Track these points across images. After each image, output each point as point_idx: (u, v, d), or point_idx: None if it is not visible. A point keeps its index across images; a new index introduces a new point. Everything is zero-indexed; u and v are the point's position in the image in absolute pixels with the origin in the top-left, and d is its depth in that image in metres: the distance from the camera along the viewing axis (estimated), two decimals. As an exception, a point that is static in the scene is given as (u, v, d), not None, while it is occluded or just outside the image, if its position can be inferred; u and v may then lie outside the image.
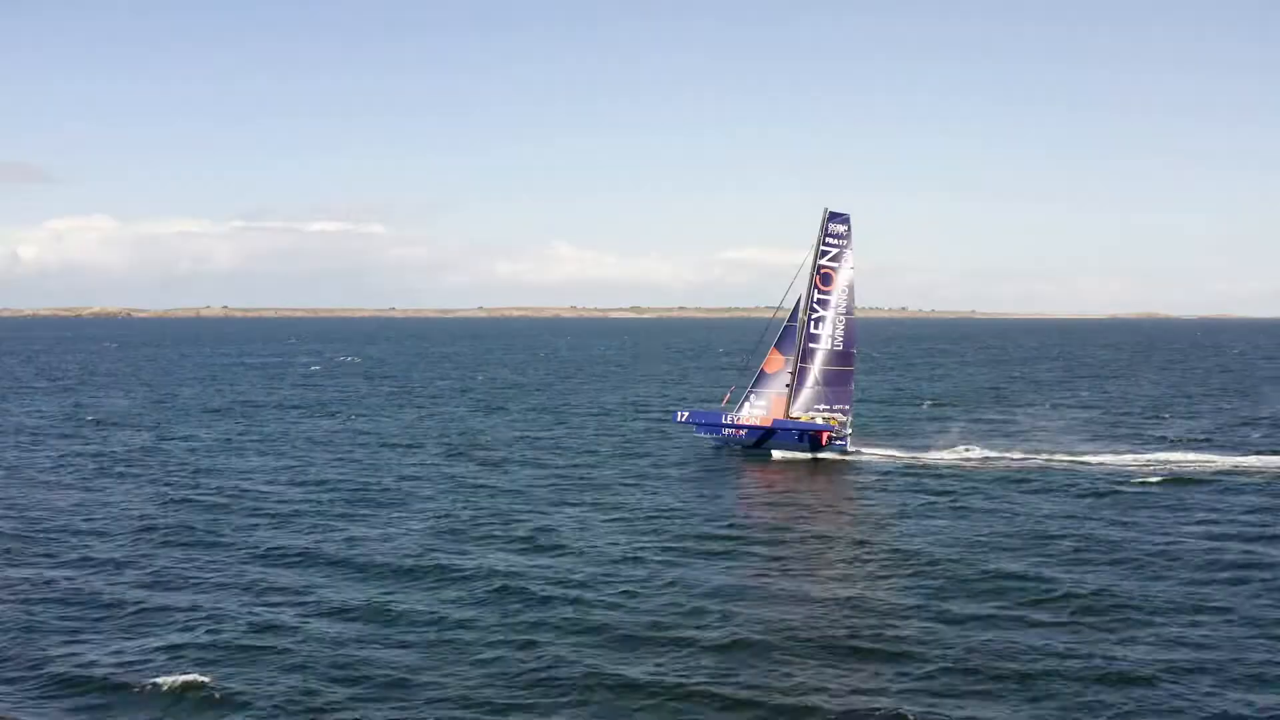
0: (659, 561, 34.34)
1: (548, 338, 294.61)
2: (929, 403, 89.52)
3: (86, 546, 35.91)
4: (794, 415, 58.82)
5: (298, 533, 38.23)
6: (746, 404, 60.07)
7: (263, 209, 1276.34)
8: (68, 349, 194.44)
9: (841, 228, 59.58)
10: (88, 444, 60.99)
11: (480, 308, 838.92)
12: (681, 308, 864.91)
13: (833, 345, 59.28)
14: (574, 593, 30.46)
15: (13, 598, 29.84)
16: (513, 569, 32.95)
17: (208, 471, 51.41)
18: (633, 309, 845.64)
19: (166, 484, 47.75)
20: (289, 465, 53.63)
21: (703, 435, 61.63)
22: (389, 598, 29.98)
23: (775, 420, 58.68)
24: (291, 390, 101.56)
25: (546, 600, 29.70)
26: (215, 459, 55.63)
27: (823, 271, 59.24)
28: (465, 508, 42.74)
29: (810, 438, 57.28)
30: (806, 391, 59.13)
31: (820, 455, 57.14)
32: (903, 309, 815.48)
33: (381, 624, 27.75)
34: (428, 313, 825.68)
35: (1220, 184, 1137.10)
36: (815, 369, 59.15)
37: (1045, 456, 56.33)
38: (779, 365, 59.81)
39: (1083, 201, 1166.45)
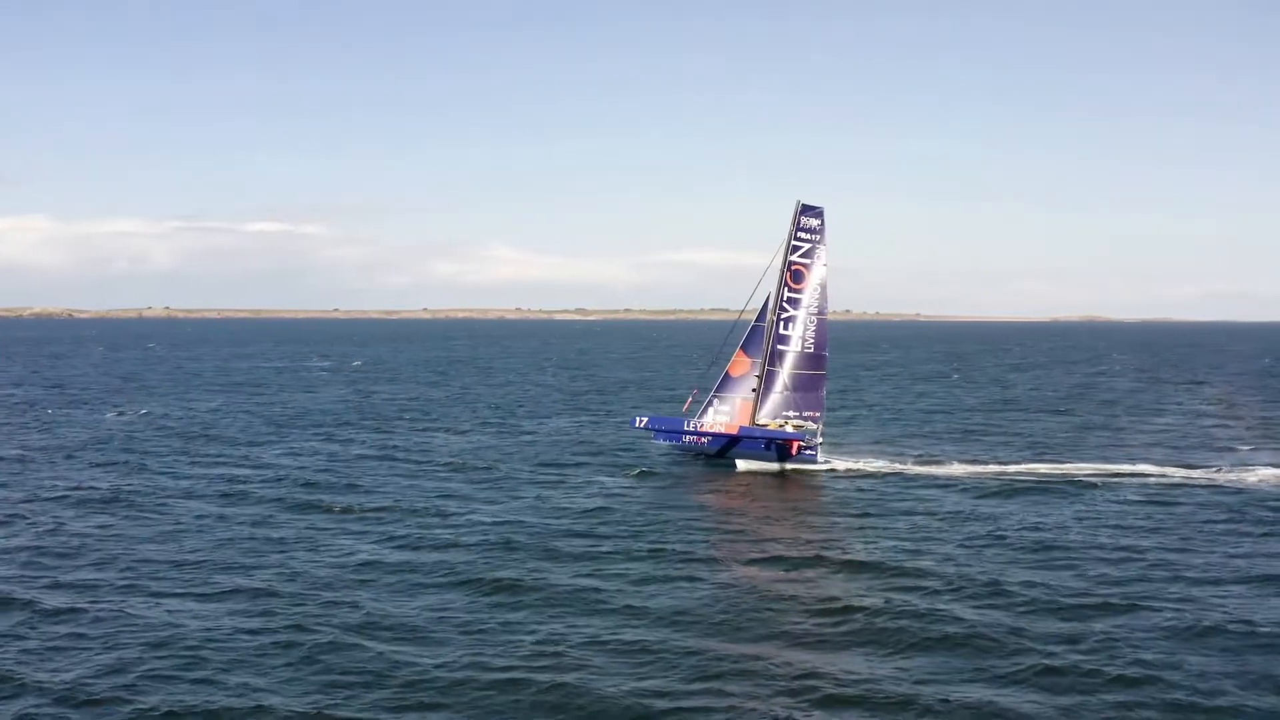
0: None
1: (533, 340, 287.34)
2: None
3: (409, 616, 29.36)
4: (761, 422, 54.36)
5: (629, 583, 32.06)
6: (710, 409, 55.51)
7: (201, 209, 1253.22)
8: (54, 352, 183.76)
9: (814, 222, 55.48)
10: (231, 465, 53.80)
11: (425, 309, 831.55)
12: (628, 309, 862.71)
13: (803, 347, 55.25)
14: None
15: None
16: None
17: (433, 502, 44.44)
18: (578, 311, 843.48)
19: (405, 524, 40.13)
20: (495, 491, 47.16)
21: (661, 442, 56.87)
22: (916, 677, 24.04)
23: (741, 428, 54.15)
24: (349, 399, 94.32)
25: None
26: (407, 484, 48.72)
27: (794, 268, 55.17)
28: (805, 544, 36.68)
29: (778, 447, 53.11)
30: (774, 396, 54.93)
31: (789, 466, 52.86)
32: (846, 311, 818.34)
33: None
34: (371, 314, 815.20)
35: (1159, 186, 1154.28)
36: (784, 373, 55.14)
37: None
38: (745, 368, 55.57)
39: (1022, 203, 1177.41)
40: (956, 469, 53.32)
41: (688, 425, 55.72)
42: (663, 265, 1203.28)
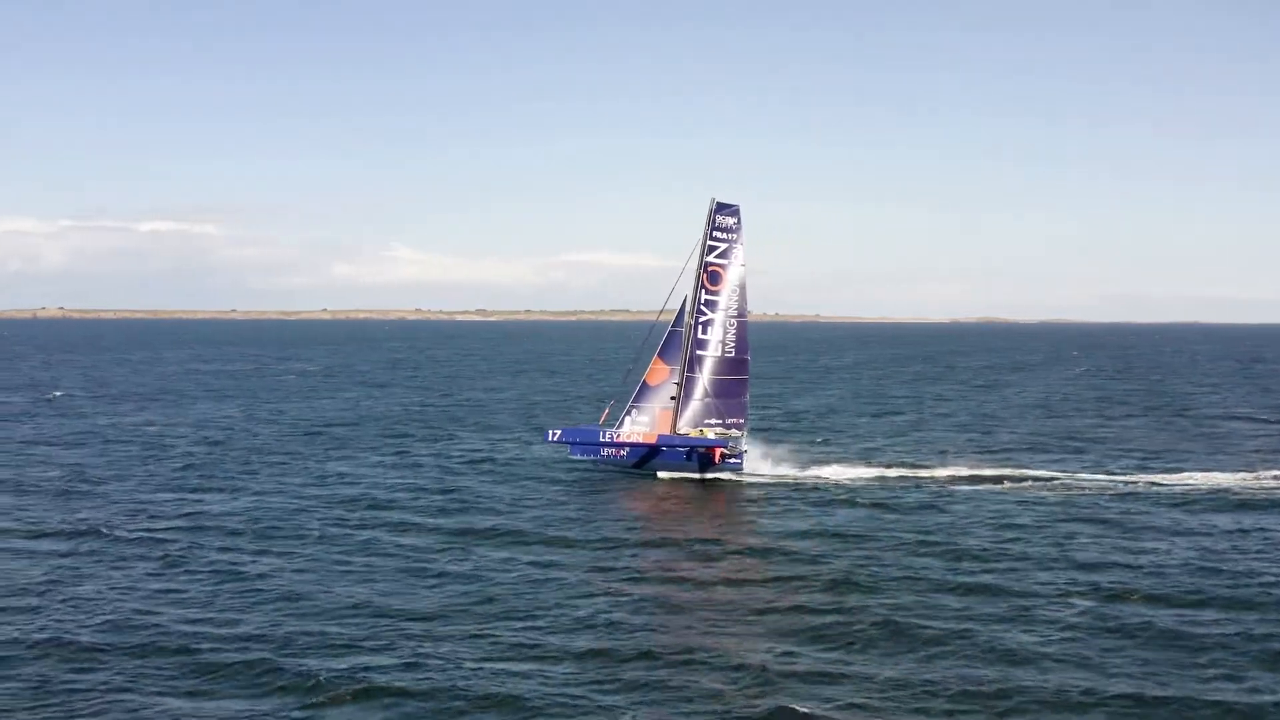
0: None
1: (474, 341, 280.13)
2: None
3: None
4: (681, 431, 51.54)
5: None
6: (628, 419, 52.41)
7: (94, 208, 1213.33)
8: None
9: (730, 220, 52.87)
10: (333, 484, 48.05)
11: (325, 310, 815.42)
12: (528, 310, 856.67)
13: (723, 351, 52.56)
14: None
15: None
16: None
17: (640, 529, 39.77)
18: (479, 312, 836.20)
19: (650, 554, 35.50)
20: (695, 511, 43.12)
21: (577, 456, 53.54)
22: None
23: (660, 436, 51.30)
24: (360, 406, 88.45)
25: None
26: (578, 505, 44.18)
27: (710, 269, 52.53)
28: (1110, 571, 32.50)
29: (700, 455, 50.71)
30: (695, 404, 52.10)
31: (709, 475, 50.45)
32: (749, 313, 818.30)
33: None
34: (271, 314, 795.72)
35: (1046, 188, 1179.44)
36: (704, 378, 52.29)
37: None
38: (663, 375, 52.61)
39: (912, 206, 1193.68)
40: (1136, 479, 50.66)
41: (604, 436, 52.17)
42: (564, 267, 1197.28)
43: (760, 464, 53.16)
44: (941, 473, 52.47)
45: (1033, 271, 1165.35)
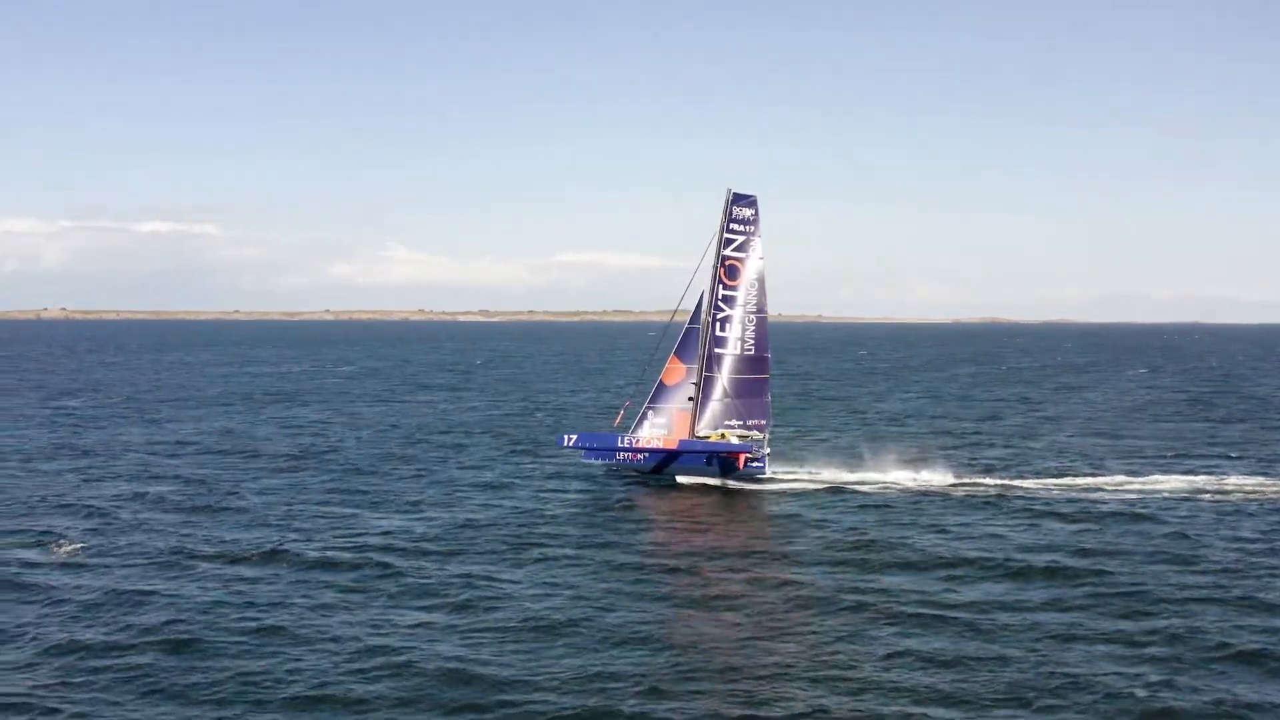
0: None
1: (504, 341, 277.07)
2: None
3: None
4: (700, 434, 49.34)
5: None
6: (645, 423, 50.58)
7: (92, 208, 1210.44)
8: (13, 354, 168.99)
9: (747, 211, 50.59)
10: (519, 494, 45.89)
11: (327, 310, 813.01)
12: (530, 311, 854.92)
13: (743, 349, 50.53)
14: None
15: None
16: None
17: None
18: (481, 312, 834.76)
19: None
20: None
21: (593, 461, 51.27)
22: None
23: (681, 441, 49.34)
24: (443, 411, 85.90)
25: None
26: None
27: (728, 263, 50.38)
28: None
29: (721, 461, 48.71)
30: (714, 404, 50.11)
31: (732, 481, 48.18)
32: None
33: None
34: (273, 315, 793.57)
35: (1043, 189, 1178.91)
36: (723, 378, 50.30)
37: None
38: (680, 375, 50.64)
39: (909, 205, 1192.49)
40: None
41: (621, 441, 50.24)
42: (561, 267, 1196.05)
43: (898, 471, 50.89)
44: (1109, 480, 50.56)
45: (1033, 271, 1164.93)
